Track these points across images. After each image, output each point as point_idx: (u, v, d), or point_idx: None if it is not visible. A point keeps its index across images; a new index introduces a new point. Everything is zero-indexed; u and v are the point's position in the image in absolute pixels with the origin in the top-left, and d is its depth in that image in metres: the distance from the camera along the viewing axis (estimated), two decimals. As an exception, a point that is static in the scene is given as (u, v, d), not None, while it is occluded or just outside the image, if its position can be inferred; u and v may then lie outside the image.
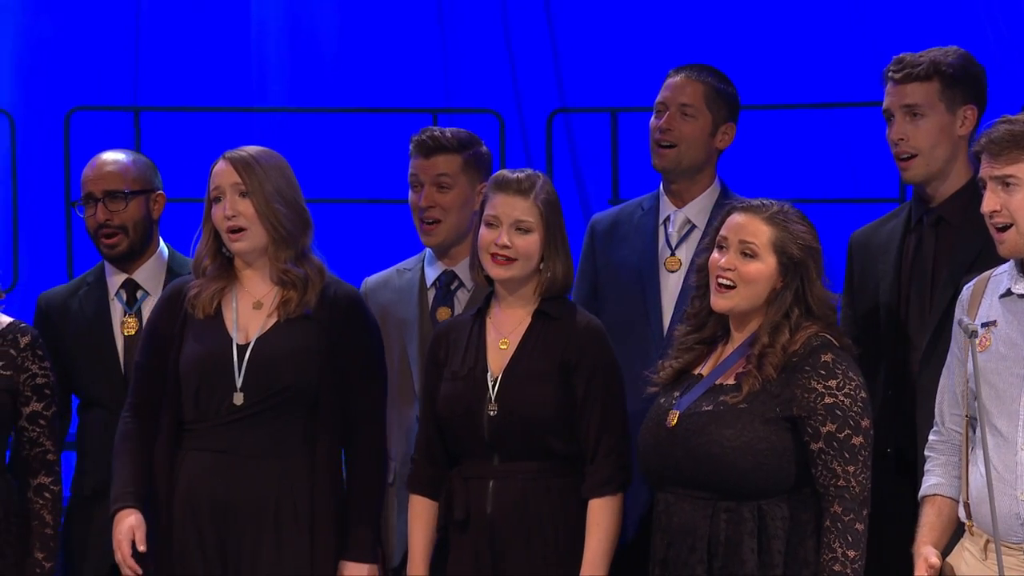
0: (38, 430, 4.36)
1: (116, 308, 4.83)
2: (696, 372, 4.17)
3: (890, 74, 4.46)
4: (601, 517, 4.24)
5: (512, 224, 4.30)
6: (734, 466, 4.00)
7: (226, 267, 4.38)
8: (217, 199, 4.36)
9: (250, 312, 4.36)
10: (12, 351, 4.35)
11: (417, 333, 4.74)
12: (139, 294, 4.83)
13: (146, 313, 4.76)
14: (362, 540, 4.31)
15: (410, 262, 4.89)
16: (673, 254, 4.82)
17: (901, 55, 4.48)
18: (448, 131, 4.79)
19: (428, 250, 4.86)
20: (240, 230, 4.32)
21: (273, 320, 4.33)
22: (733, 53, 7.12)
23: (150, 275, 4.83)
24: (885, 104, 4.49)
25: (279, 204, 4.32)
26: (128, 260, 4.82)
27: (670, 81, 4.85)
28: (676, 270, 4.80)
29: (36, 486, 4.35)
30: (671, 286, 4.80)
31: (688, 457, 4.04)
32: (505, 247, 4.29)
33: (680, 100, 4.80)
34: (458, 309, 4.76)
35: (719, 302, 4.11)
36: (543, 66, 7.81)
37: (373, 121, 7.45)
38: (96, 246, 4.85)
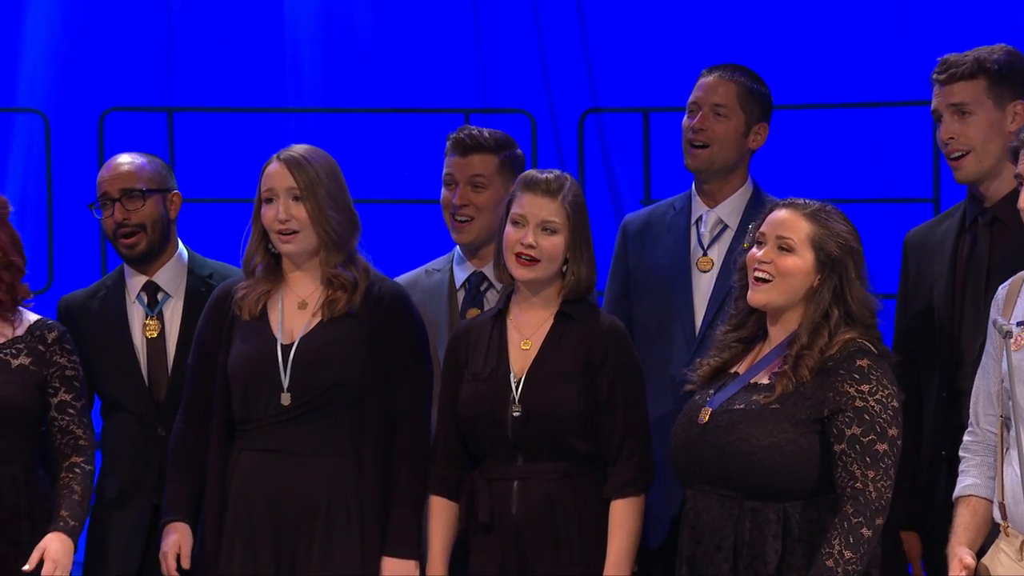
0: (67, 418, 4.37)
1: (136, 311, 4.82)
2: (733, 371, 4.15)
3: (935, 76, 4.43)
4: (624, 518, 4.23)
5: (539, 224, 4.29)
6: (761, 466, 3.99)
7: (273, 267, 4.39)
8: (269, 200, 4.36)
9: (295, 312, 4.36)
10: (40, 347, 4.36)
11: (447, 334, 4.72)
12: (160, 296, 4.81)
13: (168, 315, 4.78)
14: (403, 536, 4.30)
15: (438, 263, 4.87)
16: (705, 254, 4.80)
17: (946, 56, 4.44)
18: (486, 131, 4.79)
19: (457, 251, 4.84)
20: (292, 232, 4.33)
21: (317, 319, 4.34)
22: (766, 52, 7.10)
23: (170, 277, 4.82)
24: (933, 105, 4.46)
25: (331, 209, 4.34)
26: (147, 260, 4.81)
27: (703, 81, 4.83)
28: (708, 270, 4.79)
29: (68, 465, 4.36)
30: (703, 286, 4.78)
31: (717, 454, 4.03)
32: (530, 247, 4.28)
33: (713, 100, 4.79)
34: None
35: (754, 296, 4.09)
36: (575, 66, 7.80)
37: (405, 121, 7.44)
38: (115, 248, 4.84)
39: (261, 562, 4.29)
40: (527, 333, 4.33)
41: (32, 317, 4.41)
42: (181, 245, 4.91)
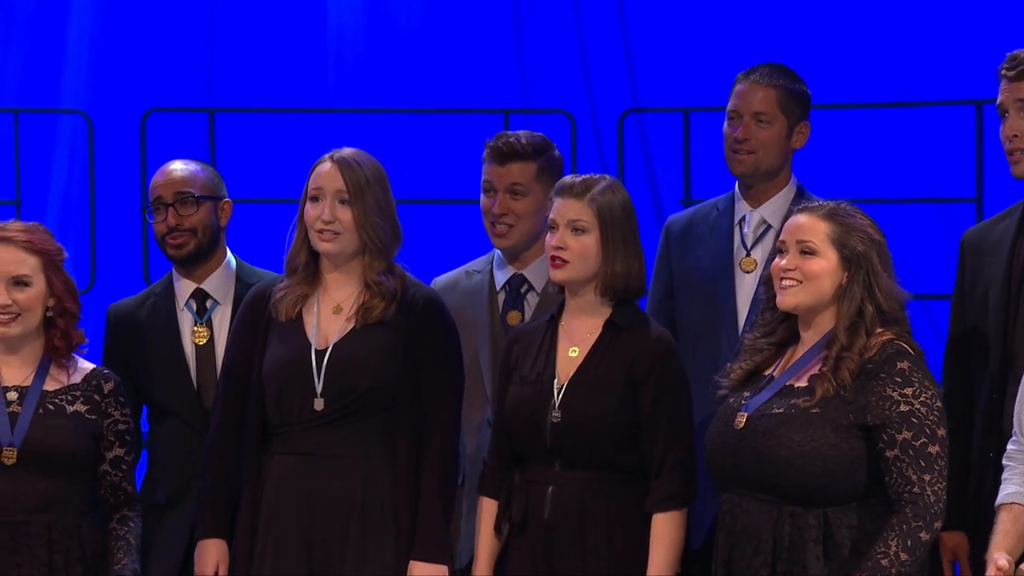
0: (120, 475, 4.38)
1: (186, 318, 4.81)
2: (767, 374, 4.11)
3: (1003, 71, 4.37)
4: (665, 532, 4.20)
5: (567, 225, 4.27)
6: (802, 471, 3.94)
7: (312, 268, 4.37)
8: (315, 199, 4.34)
9: (330, 316, 4.35)
10: (96, 396, 4.36)
11: (488, 336, 4.71)
12: (208, 303, 4.81)
13: (217, 322, 4.78)
14: (432, 540, 4.28)
15: (478, 263, 4.85)
16: (748, 254, 4.78)
17: (1016, 52, 4.38)
18: (523, 136, 4.75)
19: (497, 252, 4.82)
20: (333, 234, 4.31)
21: (352, 325, 4.32)
22: (807, 52, 7.06)
23: (219, 284, 4.82)
24: (999, 100, 4.39)
25: (377, 216, 4.33)
26: (193, 263, 4.81)
27: (740, 88, 4.78)
28: (751, 271, 4.75)
29: (120, 517, 4.39)
30: (746, 286, 4.75)
31: (755, 459, 3.99)
32: (559, 248, 4.25)
33: (754, 108, 4.75)
34: (528, 313, 4.74)
35: (784, 299, 4.06)
36: (616, 66, 7.77)
37: (445, 121, 7.42)
38: (163, 251, 4.84)
39: (294, 564, 4.27)
40: (576, 340, 4.31)
41: (88, 366, 4.42)
42: (229, 253, 4.90)
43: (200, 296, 4.81)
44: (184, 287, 4.82)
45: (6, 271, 4.27)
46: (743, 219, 4.81)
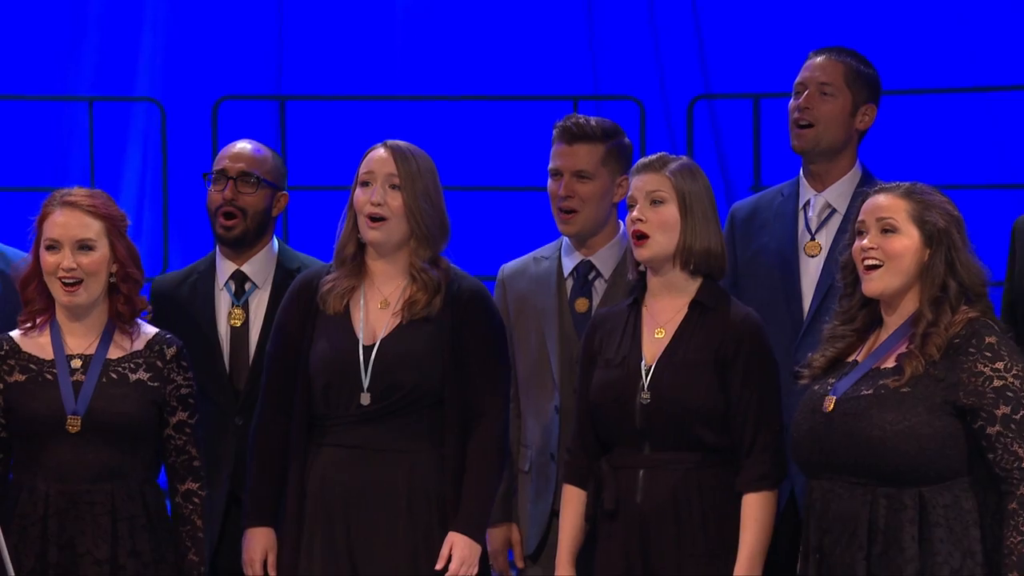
0: (184, 438, 4.35)
1: (223, 298, 4.80)
2: (850, 360, 4.05)
3: None
4: (757, 512, 4.16)
5: (645, 197, 4.24)
6: (896, 451, 3.89)
7: (360, 259, 4.35)
8: (366, 184, 4.32)
9: (377, 311, 4.32)
10: (159, 363, 4.34)
11: (556, 323, 4.68)
12: (247, 286, 4.80)
13: (253, 305, 4.78)
14: (472, 518, 4.25)
15: (547, 250, 4.83)
16: (813, 239, 4.73)
17: None
18: (592, 119, 4.72)
19: (565, 239, 4.79)
20: (381, 219, 4.28)
21: (398, 320, 4.29)
22: (878, 38, 7.00)
23: (259, 268, 4.80)
24: None
25: (427, 204, 4.29)
26: (239, 246, 4.80)
27: (810, 62, 4.77)
28: (816, 255, 4.72)
29: (184, 491, 4.35)
30: (811, 271, 4.71)
31: (847, 442, 3.94)
32: (639, 220, 4.21)
33: (820, 79, 4.72)
34: (596, 299, 4.70)
35: (869, 285, 4.01)
36: (687, 52, 7.73)
37: (514, 108, 7.41)
38: (212, 226, 4.83)
39: (341, 555, 4.25)
40: (661, 321, 4.27)
41: (151, 331, 4.40)
42: (275, 240, 4.89)
43: (239, 278, 4.80)
44: (225, 267, 4.82)
45: (71, 235, 4.26)
46: (807, 203, 4.77)
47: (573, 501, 4.30)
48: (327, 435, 4.29)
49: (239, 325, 4.73)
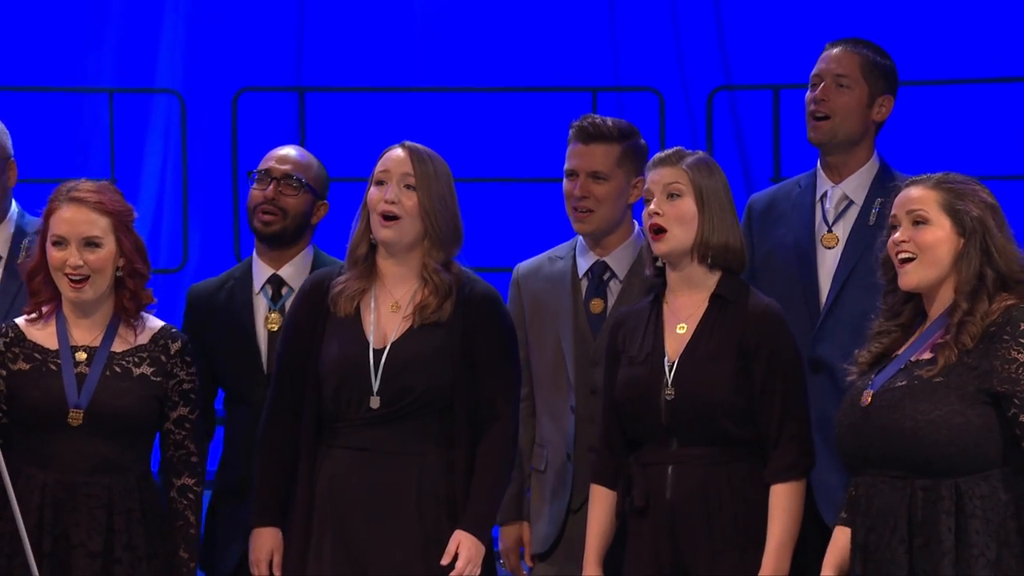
0: (183, 433, 4.34)
1: (260, 303, 4.78)
2: (895, 355, 4.01)
3: None
4: (786, 502, 4.14)
5: (662, 191, 4.22)
6: (927, 441, 3.84)
7: (372, 260, 4.32)
8: (381, 183, 4.30)
9: (388, 314, 4.30)
10: (163, 357, 4.33)
11: (571, 324, 4.66)
12: (284, 291, 4.77)
13: None
14: (479, 519, 4.23)
15: (562, 249, 4.80)
16: (830, 230, 4.71)
17: None
18: (609, 120, 4.70)
19: (580, 239, 4.77)
20: (394, 218, 4.26)
21: (409, 324, 4.27)
22: (899, 29, 6.98)
23: (296, 272, 4.77)
24: None
25: (441, 206, 4.27)
26: (276, 244, 4.78)
27: (826, 53, 4.75)
28: (833, 246, 4.69)
29: (180, 486, 4.35)
30: (828, 263, 4.69)
31: (882, 435, 3.90)
32: (656, 214, 4.20)
33: (836, 71, 4.70)
34: (611, 300, 4.67)
35: (905, 279, 3.96)
36: (708, 43, 7.72)
37: (534, 99, 7.41)
38: (250, 223, 4.82)
39: (350, 557, 4.23)
40: (682, 316, 4.25)
41: (156, 324, 4.38)
42: (311, 246, 4.87)
43: (276, 282, 4.78)
44: (262, 272, 4.80)
45: (77, 232, 4.24)
46: (825, 195, 4.75)
47: (600, 500, 4.29)
48: (336, 437, 4.27)
49: (276, 329, 4.70)
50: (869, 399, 3.93)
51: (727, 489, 4.16)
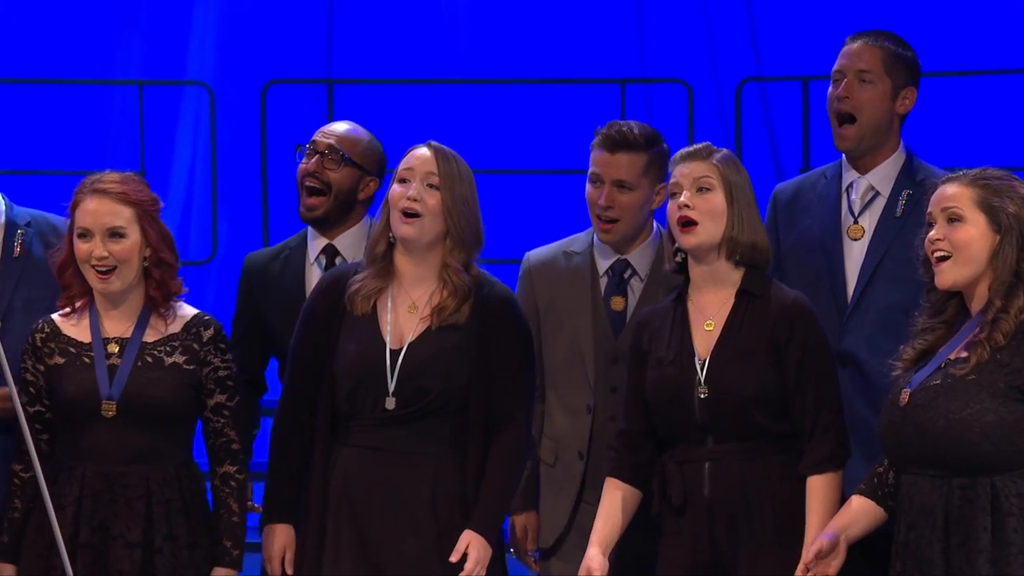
0: (222, 421, 4.33)
1: (315, 274, 4.75)
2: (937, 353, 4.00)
3: None
4: (822, 494, 4.12)
5: (692, 185, 4.20)
6: (960, 440, 3.83)
7: (390, 260, 4.30)
8: (404, 180, 4.29)
9: (405, 315, 4.28)
10: (195, 345, 4.33)
11: (591, 321, 4.62)
12: (338, 260, 4.76)
13: None
14: (491, 520, 4.22)
15: (577, 244, 4.74)
16: (856, 222, 4.68)
17: None
18: (635, 127, 4.64)
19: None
20: (415, 215, 4.25)
21: (426, 325, 4.26)
22: (927, 21, 6.95)
23: (351, 243, 4.76)
24: None
25: (464, 207, 4.26)
26: (324, 225, 4.76)
27: (847, 49, 4.70)
28: (859, 238, 4.66)
29: (222, 475, 4.34)
30: (854, 254, 4.65)
31: (917, 433, 3.89)
32: (686, 207, 4.20)
33: (858, 67, 4.65)
34: (632, 299, 4.64)
35: (941, 278, 3.94)
36: (739, 34, 7.71)
37: (561, 91, 7.41)
38: (299, 199, 4.78)
39: (362, 555, 4.22)
40: (709, 314, 4.23)
41: (189, 312, 4.37)
42: (367, 217, 4.82)
43: (330, 252, 4.76)
44: (317, 243, 4.78)
45: (102, 223, 4.25)
46: (850, 186, 4.72)
47: (614, 490, 4.26)
48: (350, 436, 4.27)
49: None
50: (907, 398, 3.92)
51: (765, 484, 4.15)
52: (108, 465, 4.25)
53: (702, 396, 4.17)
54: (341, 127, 4.84)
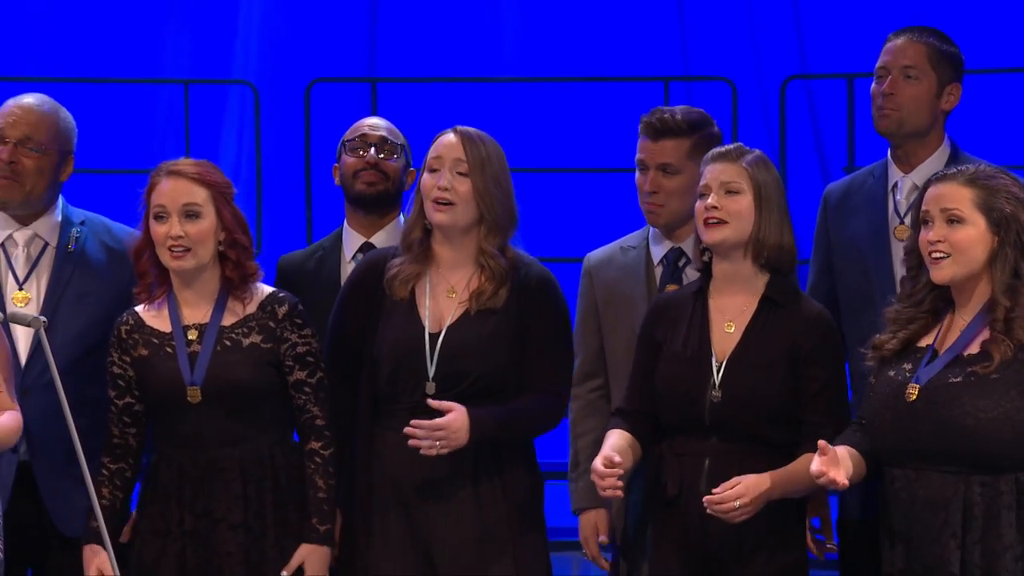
0: (304, 397, 4.36)
1: (349, 272, 4.79)
2: (923, 345, 4.01)
3: None
4: (804, 463, 4.03)
5: (720, 187, 4.20)
6: (989, 438, 3.83)
7: (427, 245, 4.33)
8: (434, 169, 4.31)
9: (443, 299, 4.32)
10: (271, 323, 4.35)
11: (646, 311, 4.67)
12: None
13: None
14: (485, 414, 4.21)
15: (633, 239, 4.77)
16: (902, 222, 4.67)
17: None
18: (679, 112, 4.66)
19: (652, 228, 4.78)
20: (448, 203, 4.27)
21: (464, 308, 4.29)
22: (972, 18, 6.93)
23: (386, 239, 4.80)
24: None
25: (496, 188, 4.28)
26: (376, 206, 4.81)
27: (891, 44, 4.70)
28: (905, 239, 4.65)
29: (308, 451, 4.36)
30: (902, 255, 4.65)
31: (936, 430, 3.88)
32: (714, 208, 4.18)
33: (902, 62, 4.65)
34: (687, 286, 4.68)
35: (938, 274, 3.94)
36: (785, 31, 7.69)
37: (604, 90, 7.41)
38: (348, 192, 4.82)
39: (413, 539, 4.27)
40: (730, 316, 4.23)
41: (265, 291, 4.40)
42: (401, 215, 4.87)
43: (367, 250, 4.78)
44: (353, 240, 4.84)
45: (178, 202, 4.28)
46: (895, 186, 4.71)
47: (618, 429, 4.23)
48: (391, 418, 4.30)
49: None
50: (916, 394, 3.91)
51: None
52: (202, 451, 4.30)
53: (715, 399, 4.17)
54: (383, 123, 4.90)
